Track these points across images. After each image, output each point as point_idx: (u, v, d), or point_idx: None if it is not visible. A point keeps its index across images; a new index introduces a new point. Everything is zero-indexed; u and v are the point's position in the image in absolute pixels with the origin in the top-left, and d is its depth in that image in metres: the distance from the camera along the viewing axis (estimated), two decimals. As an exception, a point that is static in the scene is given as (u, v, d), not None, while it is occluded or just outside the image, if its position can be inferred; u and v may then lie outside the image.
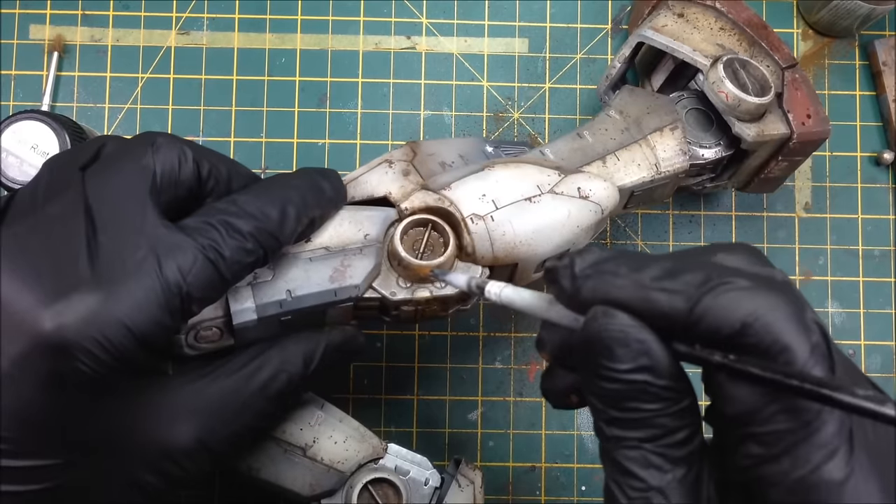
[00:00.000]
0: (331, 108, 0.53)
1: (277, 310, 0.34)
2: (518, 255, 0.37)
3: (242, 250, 0.31)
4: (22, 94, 0.52)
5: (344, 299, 0.35)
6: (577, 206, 0.38)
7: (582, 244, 0.39)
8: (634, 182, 0.41)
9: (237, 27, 0.53)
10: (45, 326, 0.27)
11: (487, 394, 0.51)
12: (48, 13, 0.53)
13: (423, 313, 0.37)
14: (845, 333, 0.52)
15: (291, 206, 0.33)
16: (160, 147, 0.32)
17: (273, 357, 0.34)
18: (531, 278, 0.39)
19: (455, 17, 0.54)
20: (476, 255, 0.36)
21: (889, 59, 0.52)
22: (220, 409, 0.32)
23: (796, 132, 0.43)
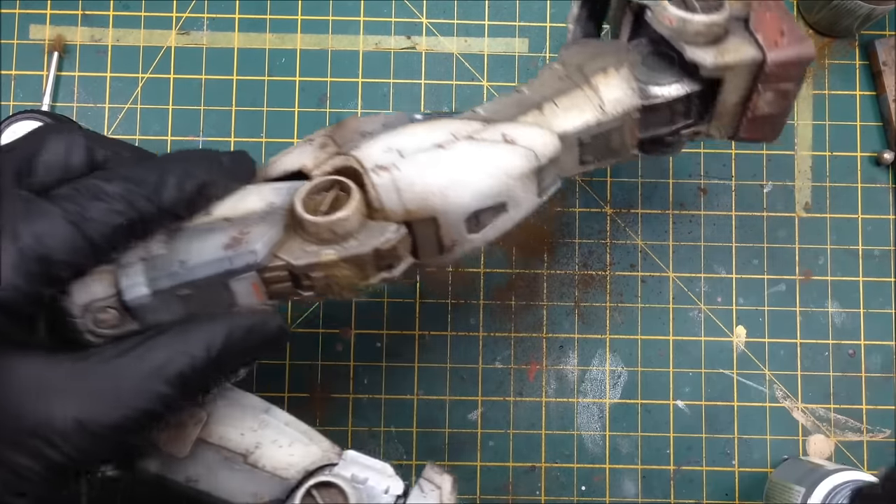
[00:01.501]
0: (331, 108, 0.53)
1: (170, 282, 0.31)
2: (433, 207, 0.33)
3: (111, 212, 0.30)
4: (22, 94, 0.52)
5: (241, 267, 0.32)
6: (500, 151, 0.34)
7: (518, 197, 0.35)
8: (578, 127, 0.37)
9: (237, 27, 0.53)
10: None
11: (487, 394, 0.51)
12: (48, 13, 0.53)
13: (338, 282, 0.33)
14: (845, 333, 0.52)
15: (172, 172, 0.32)
16: (46, 134, 0.31)
17: (170, 338, 0.31)
18: (462, 237, 0.34)
19: (455, 17, 0.54)
20: (385, 210, 0.33)
21: (889, 59, 0.52)
22: (107, 390, 0.30)
23: (769, 53, 0.37)
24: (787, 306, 0.52)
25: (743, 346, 0.52)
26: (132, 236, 0.31)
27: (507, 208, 0.35)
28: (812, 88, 0.54)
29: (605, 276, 0.52)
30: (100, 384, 0.30)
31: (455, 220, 0.34)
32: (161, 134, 0.52)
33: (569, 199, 0.53)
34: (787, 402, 0.51)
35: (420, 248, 0.34)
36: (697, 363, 0.51)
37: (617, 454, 0.51)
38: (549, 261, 0.52)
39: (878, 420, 0.51)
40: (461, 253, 0.35)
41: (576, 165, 0.39)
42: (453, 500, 0.35)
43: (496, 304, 0.52)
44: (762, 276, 0.52)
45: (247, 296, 0.33)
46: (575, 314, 0.52)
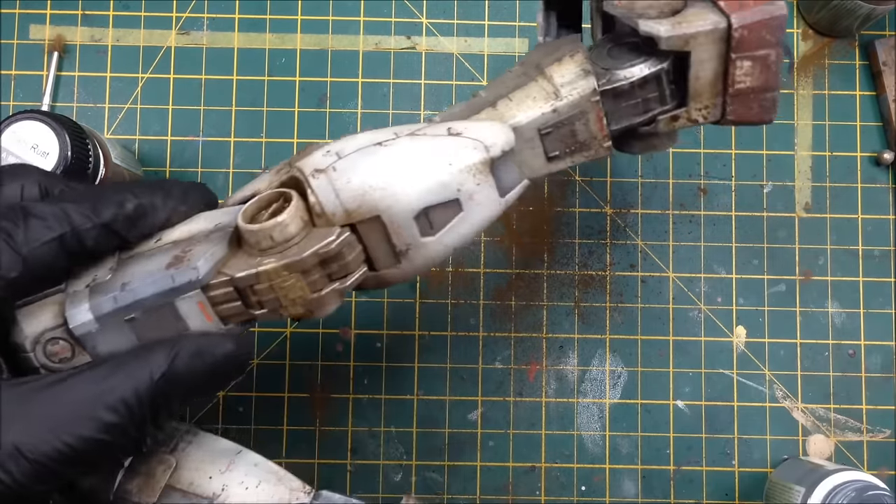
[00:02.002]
0: (331, 108, 0.53)
1: (113, 305, 0.31)
2: (374, 205, 0.31)
3: (43, 227, 0.30)
4: (22, 94, 0.52)
5: (184, 285, 0.31)
6: (444, 142, 0.33)
7: (471, 192, 0.33)
8: (533, 117, 0.35)
9: (237, 27, 0.53)
10: None
11: (487, 394, 0.51)
12: (48, 13, 0.53)
13: (287, 294, 0.31)
14: (845, 333, 0.52)
15: (114, 191, 0.32)
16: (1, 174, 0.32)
17: (112, 365, 0.30)
18: (415, 239, 0.32)
19: (455, 17, 0.54)
20: (327, 214, 0.31)
21: (889, 59, 0.52)
22: (46, 416, 0.29)
23: (733, 16, 0.34)
24: (787, 306, 0.52)
25: (743, 346, 0.52)
26: (70, 256, 0.31)
27: (462, 206, 0.32)
28: (812, 88, 0.54)
29: (605, 276, 0.52)
30: (39, 410, 0.29)
31: (401, 218, 0.32)
32: (161, 134, 0.52)
33: (569, 199, 0.53)
34: (787, 402, 0.51)
35: (373, 255, 0.32)
36: (697, 363, 0.51)
37: (617, 454, 0.51)
38: (549, 261, 0.52)
39: (878, 420, 0.51)
40: (422, 261, 0.32)
41: (544, 163, 0.36)
42: None
43: (496, 304, 0.52)
44: (762, 277, 0.52)
45: (196, 318, 0.31)
46: (575, 314, 0.52)
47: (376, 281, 0.33)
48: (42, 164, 0.42)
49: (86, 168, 0.44)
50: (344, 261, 0.31)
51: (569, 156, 0.36)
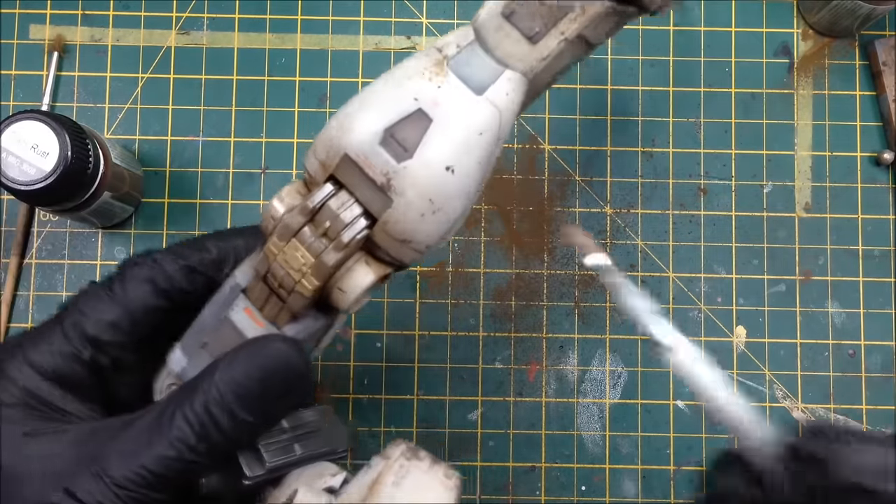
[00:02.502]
0: (331, 108, 0.53)
1: (189, 333, 0.32)
2: (337, 143, 0.29)
3: (135, 273, 0.32)
4: (22, 94, 0.52)
5: (227, 294, 0.32)
6: (399, 64, 0.31)
7: (428, 94, 0.29)
8: (490, 5, 0.31)
9: (237, 27, 0.53)
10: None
11: (487, 394, 0.51)
12: (48, 13, 0.53)
13: (292, 266, 0.30)
14: (845, 333, 0.52)
15: (202, 237, 0.34)
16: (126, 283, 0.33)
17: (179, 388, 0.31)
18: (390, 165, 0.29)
19: (455, 17, 0.54)
20: (310, 174, 0.31)
21: (889, 59, 0.52)
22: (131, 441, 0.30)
23: None
24: (787, 306, 0.52)
25: (743, 346, 0.52)
26: (164, 296, 0.32)
27: (429, 115, 0.29)
28: (812, 88, 0.54)
29: (605, 276, 0.52)
30: (123, 439, 0.30)
31: (365, 147, 0.29)
32: (161, 134, 0.52)
33: (569, 199, 0.53)
34: (787, 402, 0.51)
35: (363, 200, 0.29)
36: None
37: (617, 454, 0.51)
38: (549, 261, 0.52)
39: (878, 420, 0.51)
40: (415, 192, 0.29)
41: (529, 48, 0.30)
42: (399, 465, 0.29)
43: (496, 304, 0.52)
44: (762, 277, 0.52)
45: (250, 327, 0.31)
46: (575, 314, 0.52)
47: (386, 236, 0.30)
48: (42, 164, 0.42)
49: (86, 168, 0.44)
50: (331, 213, 0.29)
51: (553, 27, 0.30)
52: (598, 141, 0.53)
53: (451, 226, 0.30)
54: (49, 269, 0.51)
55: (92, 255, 0.51)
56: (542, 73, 0.31)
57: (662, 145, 0.53)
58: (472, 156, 0.29)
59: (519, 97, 0.30)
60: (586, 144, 0.53)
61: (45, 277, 0.51)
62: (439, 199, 0.29)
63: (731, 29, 0.54)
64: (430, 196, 0.29)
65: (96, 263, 0.51)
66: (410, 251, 0.30)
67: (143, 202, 0.52)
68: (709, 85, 0.54)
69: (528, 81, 0.30)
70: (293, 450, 0.32)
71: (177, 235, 0.52)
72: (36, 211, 0.51)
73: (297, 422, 0.34)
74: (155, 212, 0.52)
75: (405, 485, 0.27)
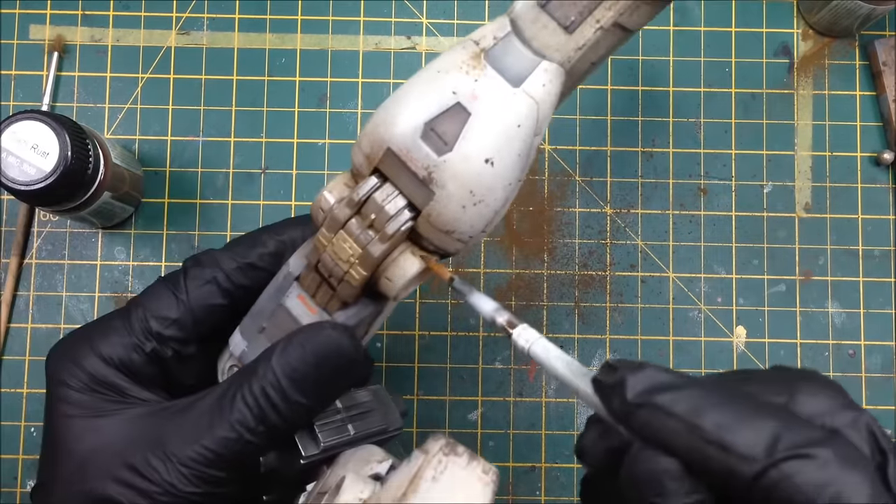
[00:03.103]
0: (331, 108, 0.53)
1: (248, 319, 0.34)
2: (380, 138, 0.30)
3: (198, 273, 0.34)
4: (22, 94, 0.52)
5: (282, 282, 0.33)
6: (437, 58, 0.31)
7: (466, 87, 0.29)
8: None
9: (237, 27, 0.53)
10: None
11: (487, 394, 0.51)
12: (48, 13, 0.53)
13: (340, 257, 0.31)
14: (845, 333, 0.52)
15: (259, 231, 0.36)
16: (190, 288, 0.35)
17: (237, 372, 0.33)
18: (431, 158, 0.29)
19: (455, 17, 0.54)
20: (356, 167, 0.31)
21: (889, 59, 0.52)
22: (192, 423, 0.32)
23: None
24: (787, 306, 0.52)
25: (743, 346, 0.52)
26: (226, 294, 0.34)
27: (468, 108, 0.29)
28: (812, 88, 0.54)
29: (605, 276, 0.52)
30: (186, 421, 0.31)
31: (407, 140, 0.29)
32: (161, 134, 0.52)
33: (569, 199, 0.53)
34: (787, 402, 0.51)
35: (406, 192, 0.30)
36: (697, 363, 0.51)
37: (617, 454, 0.51)
38: (549, 261, 0.52)
39: (878, 420, 0.51)
40: (455, 185, 0.29)
41: (565, 38, 0.30)
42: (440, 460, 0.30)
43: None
44: (762, 277, 0.52)
45: (304, 314, 0.33)
46: (575, 314, 0.52)
47: (430, 227, 0.30)
48: (42, 164, 0.42)
49: (86, 168, 0.44)
50: (377, 205, 0.30)
51: (588, 15, 0.30)
52: (598, 141, 0.53)
53: (494, 216, 0.30)
54: (49, 269, 0.51)
55: (92, 255, 0.51)
56: (578, 63, 0.30)
57: (662, 145, 0.53)
58: (512, 148, 0.29)
59: (556, 88, 0.30)
60: (586, 144, 0.53)
61: (45, 277, 0.51)
62: (480, 191, 0.29)
63: (731, 29, 0.54)
64: (471, 188, 0.29)
65: (96, 263, 0.51)
66: (454, 241, 0.30)
67: (143, 202, 0.52)
68: (709, 85, 0.54)
69: (564, 72, 0.30)
70: (347, 430, 0.34)
71: (177, 235, 0.52)
72: (36, 211, 0.51)
73: (350, 402, 0.35)
74: (155, 212, 0.52)
75: (443, 480, 0.27)
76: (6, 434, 0.50)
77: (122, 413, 0.32)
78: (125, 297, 0.51)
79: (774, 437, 0.22)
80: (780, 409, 0.23)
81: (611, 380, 0.24)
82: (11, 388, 0.50)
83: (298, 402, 0.31)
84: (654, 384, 0.24)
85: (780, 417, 0.23)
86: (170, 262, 0.51)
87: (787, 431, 0.22)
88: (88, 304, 0.51)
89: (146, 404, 0.32)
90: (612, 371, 0.25)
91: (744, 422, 0.22)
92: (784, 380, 0.25)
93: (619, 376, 0.24)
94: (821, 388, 0.24)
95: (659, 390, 0.23)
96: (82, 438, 0.31)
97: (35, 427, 0.50)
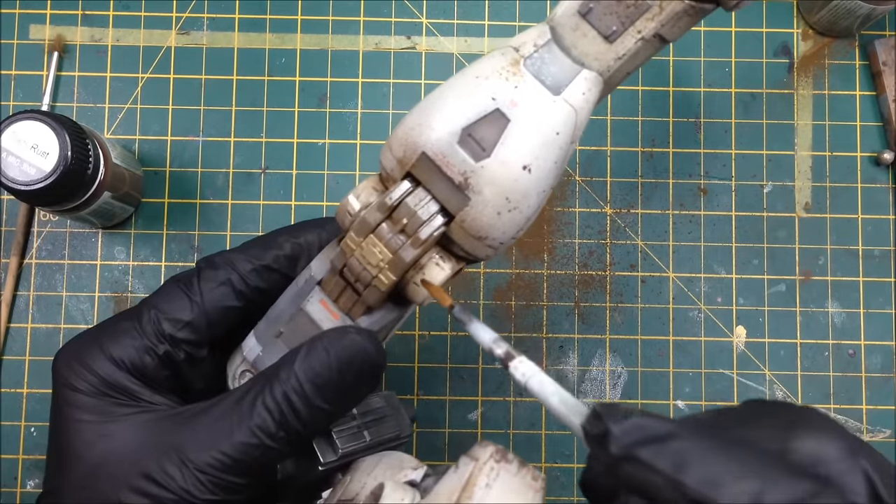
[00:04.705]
0: (331, 108, 0.53)
1: (263, 323, 0.33)
2: (415, 142, 0.30)
3: (212, 275, 0.33)
4: (22, 94, 0.52)
5: (303, 286, 0.33)
6: (475, 63, 0.31)
7: (506, 94, 0.29)
8: (566, 4, 0.31)
9: (237, 27, 0.53)
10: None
11: (487, 394, 0.51)
12: (48, 13, 0.53)
13: (369, 261, 0.31)
14: (845, 333, 0.52)
15: (276, 233, 0.35)
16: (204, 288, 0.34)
17: (256, 376, 0.32)
18: (468, 164, 0.29)
19: (455, 17, 0.54)
20: (387, 171, 0.31)
21: (889, 59, 0.52)
22: (208, 430, 0.31)
23: None
24: (787, 306, 0.52)
25: (743, 346, 0.52)
26: (240, 296, 0.33)
27: (507, 115, 0.29)
28: (812, 88, 0.54)
29: (605, 276, 0.52)
30: (200, 427, 0.31)
31: (444, 145, 0.29)
32: (161, 134, 0.52)
33: (569, 199, 0.53)
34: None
35: (440, 198, 0.30)
36: (697, 363, 0.51)
37: (617, 454, 0.51)
38: (549, 261, 0.52)
39: (878, 420, 0.51)
40: (492, 191, 0.29)
41: (605, 47, 0.30)
42: (488, 469, 0.29)
43: (496, 304, 0.52)
44: (762, 277, 0.52)
45: (325, 319, 0.32)
46: (575, 314, 0.52)
47: (463, 233, 0.30)
48: (42, 164, 0.42)
49: (86, 168, 0.44)
50: (409, 210, 0.29)
51: (630, 25, 0.30)
52: (598, 141, 0.53)
53: (526, 223, 0.30)
54: (49, 269, 0.51)
55: (92, 255, 0.51)
56: (616, 73, 0.31)
57: (662, 145, 0.53)
58: (549, 155, 0.29)
59: (594, 97, 0.30)
60: (586, 145, 0.53)
61: (45, 277, 0.51)
62: (516, 198, 0.29)
63: (731, 29, 0.54)
64: (507, 195, 0.29)
65: (96, 263, 0.51)
66: (485, 247, 0.30)
67: (143, 202, 0.52)
68: (709, 85, 0.54)
69: (603, 81, 0.30)
70: (363, 436, 0.34)
71: (177, 235, 0.52)
72: (36, 211, 0.51)
73: (365, 408, 0.35)
74: (155, 212, 0.52)
75: (496, 487, 0.27)
76: (6, 434, 0.50)
77: (135, 418, 0.31)
78: (125, 296, 0.51)
79: (757, 496, 0.21)
80: (772, 459, 0.23)
81: (595, 430, 0.24)
82: (11, 388, 0.50)
83: (320, 408, 0.30)
84: (638, 437, 0.23)
85: (768, 472, 0.22)
86: (170, 262, 0.52)
87: (773, 488, 0.22)
88: (88, 304, 0.51)
89: (158, 409, 0.32)
90: (598, 420, 0.24)
91: (728, 477, 0.22)
92: (782, 422, 0.24)
93: (602, 427, 0.24)
94: (819, 431, 0.24)
95: (643, 443, 0.23)
96: (93, 444, 0.31)
97: (35, 427, 0.50)
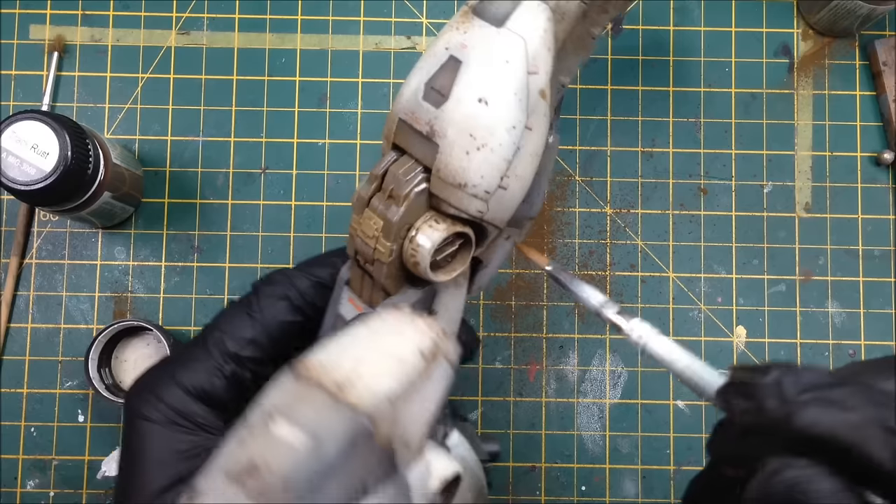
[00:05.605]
0: (331, 108, 0.53)
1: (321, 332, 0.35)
2: (392, 112, 0.31)
3: (271, 292, 0.34)
4: (22, 94, 0.52)
5: (337, 290, 0.34)
6: None
7: (456, 39, 0.31)
8: None
9: (237, 27, 0.53)
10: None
11: (487, 394, 0.51)
12: (48, 13, 0.53)
13: (366, 233, 0.31)
14: (845, 333, 0.52)
15: (330, 253, 0.36)
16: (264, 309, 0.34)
17: None
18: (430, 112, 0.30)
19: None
20: (384, 151, 0.32)
21: (889, 59, 0.52)
22: None
23: None
24: (787, 306, 0.52)
25: (743, 346, 0.52)
26: (298, 311, 0.34)
27: (459, 58, 0.30)
28: (812, 88, 0.54)
29: (605, 276, 0.52)
30: None
31: (411, 104, 0.30)
32: (161, 134, 0.52)
33: (569, 199, 0.53)
34: (787, 402, 0.51)
35: (418, 156, 0.30)
36: (697, 363, 0.51)
37: (617, 454, 0.51)
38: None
39: (878, 420, 0.51)
40: (455, 131, 0.29)
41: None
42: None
43: (496, 304, 0.52)
44: (762, 277, 0.52)
45: (351, 313, 0.33)
46: (575, 314, 0.52)
47: (442, 184, 0.30)
48: (42, 164, 0.43)
49: (86, 168, 0.44)
50: (394, 176, 0.30)
51: None
52: (598, 141, 0.53)
53: (506, 165, 0.30)
54: (49, 269, 0.51)
55: (92, 255, 0.51)
56: (563, 2, 0.31)
57: (662, 145, 0.53)
58: (505, 85, 0.29)
59: (542, 23, 0.30)
60: (586, 144, 0.53)
61: (45, 277, 0.51)
62: (480, 133, 0.29)
63: (731, 29, 0.54)
64: (470, 131, 0.29)
65: (96, 263, 0.51)
66: (469, 197, 0.30)
67: (143, 202, 0.52)
68: (709, 85, 0.54)
69: (549, 9, 0.30)
70: None
71: (177, 235, 0.52)
72: (36, 211, 0.51)
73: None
74: (155, 212, 0.52)
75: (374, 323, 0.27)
76: (6, 434, 0.50)
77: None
78: (125, 297, 0.51)
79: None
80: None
81: (768, 380, 0.24)
82: (11, 388, 0.50)
83: None
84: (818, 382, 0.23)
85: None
86: (169, 262, 0.52)
87: None
88: (88, 303, 0.51)
89: None
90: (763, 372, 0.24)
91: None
92: None
93: (776, 376, 0.24)
94: None
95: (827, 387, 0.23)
96: (166, 477, 0.31)
97: (35, 427, 0.50)
